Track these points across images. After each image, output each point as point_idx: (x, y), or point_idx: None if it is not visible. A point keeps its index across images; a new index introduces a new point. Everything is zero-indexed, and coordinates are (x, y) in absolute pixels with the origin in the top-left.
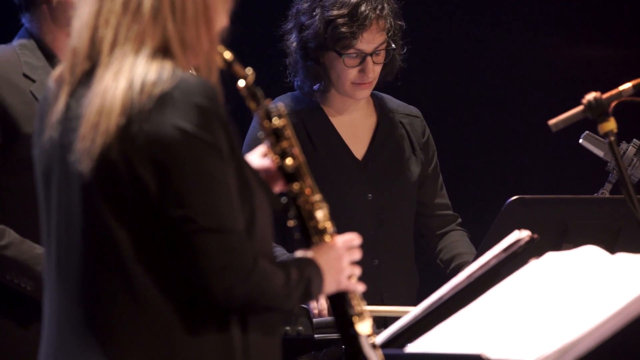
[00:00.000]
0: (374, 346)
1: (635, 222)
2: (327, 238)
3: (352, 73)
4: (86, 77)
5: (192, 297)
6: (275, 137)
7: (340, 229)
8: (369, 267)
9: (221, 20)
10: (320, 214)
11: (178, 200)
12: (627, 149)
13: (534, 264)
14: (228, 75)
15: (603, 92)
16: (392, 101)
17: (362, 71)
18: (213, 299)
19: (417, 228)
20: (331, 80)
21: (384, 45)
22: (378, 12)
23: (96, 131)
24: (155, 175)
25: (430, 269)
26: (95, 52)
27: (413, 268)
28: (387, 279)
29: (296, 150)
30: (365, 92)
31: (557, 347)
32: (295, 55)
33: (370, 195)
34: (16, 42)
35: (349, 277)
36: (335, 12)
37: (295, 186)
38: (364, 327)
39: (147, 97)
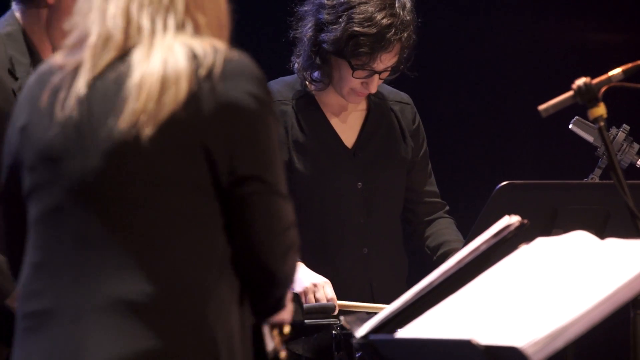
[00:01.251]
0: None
1: (625, 207)
2: None
3: (356, 83)
4: (116, 62)
5: (223, 266)
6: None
7: (330, 218)
8: (358, 255)
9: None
10: None
11: (251, 160)
12: (616, 134)
13: (524, 250)
14: None
15: (593, 77)
16: (383, 88)
17: (366, 83)
18: (264, 264)
19: (404, 214)
20: (332, 79)
21: (394, 65)
22: (402, 37)
23: (162, 98)
24: (226, 140)
25: (418, 256)
26: (130, 41)
27: (402, 256)
28: (376, 267)
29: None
30: (359, 99)
31: (547, 332)
32: (305, 44)
33: (360, 183)
34: (2, 28)
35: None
36: (361, 30)
37: None
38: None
39: (212, 66)
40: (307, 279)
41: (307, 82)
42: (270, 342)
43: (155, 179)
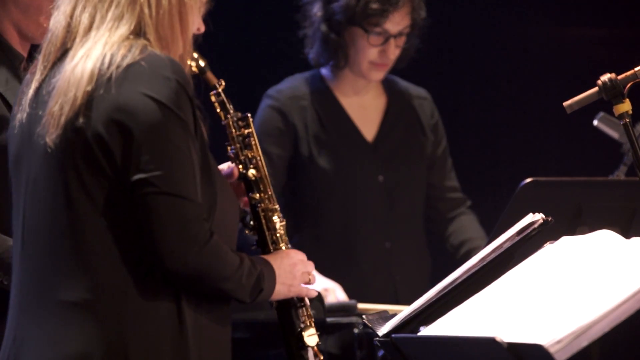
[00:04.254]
0: (317, 356)
1: None
2: (282, 247)
3: (373, 52)
4: (60, 61)
5: (147, 268)
6: (241, 145)
7: (352, 212)
8: (380, 249)
9: (195, 22)
10: (278, 225)
11: (140, 163)
12: None
13: (548, 248)
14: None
15: (618, 73)
16: (401, 83)
17: (383, 52)
18: (164, 264)
19: (426, 212)
20: (349, 57)
21: (407, 29)
22: None
23: (64, 101)
24: (120, 140)
25: (443, 253)
26: (70, 38)
27: (425, 251)
28: (398, 261)
29: (260, 160)
30: (380, 74)
31: (571, 330)
32: (317, 25)
33: (381, 177)
34: None
35: (301, 284)
36: None
37: (256, 195)
38: (310, 340)
39: (115, 67)
40: (318, 284)
41: (323, 75)
42: (299, 320)
43: (69, 186)
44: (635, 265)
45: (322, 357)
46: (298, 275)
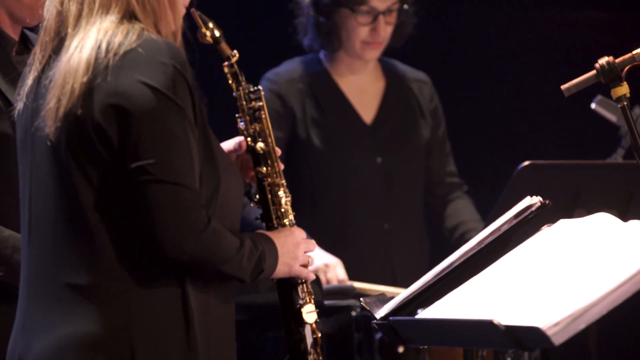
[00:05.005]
0: (316, 339)
1: None
2: (286, 222)
3: (363, 31)
4: (56, 51)
5: (150, 253)
6: (250, 118)
7: (350, 194)
8: (379, 231)
9: None
10: (284, 200)
11: (136, 151)
12: (639, 114)
13: (546, 231)
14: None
15: (616, 56)
16: (400, 66)
17: (374, 30)
18: (163, 252)
19: (423, 196)
20: (341, 39)
21: (396, 5)
22: None
23: (62, 92)
24: (117, 127)
25: (441, 237)
26: (63, 26)
27: (423, 233)
28: (397, 243)
29: (270, 134)
30: (375, 53)
31: (568, 313)
32: (307, 12)
33: (379, 158)
34: None
35: (303, 265)
36: None
37: (263, 169)
38: (309, 317)
39: (112, 55)
40: (318, 259)
41: (321, 58)
42: (298, 297)
43: (71, 176)
44: (633, 248)
45: (319, 335)
46: (300, 255)
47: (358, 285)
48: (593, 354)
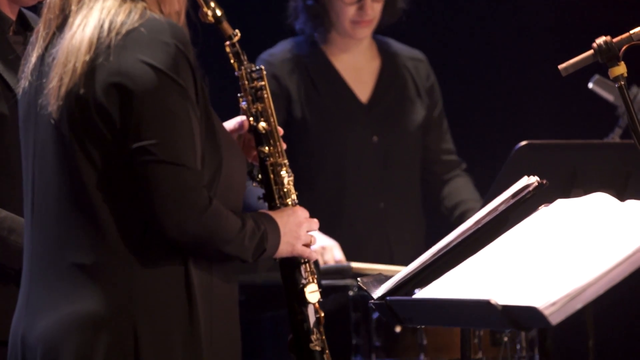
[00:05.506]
0: (319, 318)
1: None
2: (289, 202)
3: (351, 11)
4: (60, 28)
5: (151, 235)
6: (253, 98)
7: (346, 172)
8: (375, 210)
9: None
10: (286, 180)
11: (137, 131)
12: (637, 93)
13: (543, 211)
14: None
15: (614, 36)
16: (395, 45)
17: (361, 9)
18: (164, 232)
19: (422, 175)
20: (331, 20)
21: None
22: None
23: (64, 70)
24: (119, 106)
25: (438, 216)
26: (67, 4)
27: (420, 212)
28: (393, 222)
29: (272, 114)
30: (365, 31)
31: (565, 292)
32: None
33: (375, 137)
34: None
35: (305, 245)
36: None
37: (265, 149)
38: (312, 296)
39: (114, 34)
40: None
41: (316, 38)
42: (301, 276)
43: (73, 155)
44: (630, 228)
45: (322, 314)
46: (302, 235)
47: (355, 265)
48: (590, 333)
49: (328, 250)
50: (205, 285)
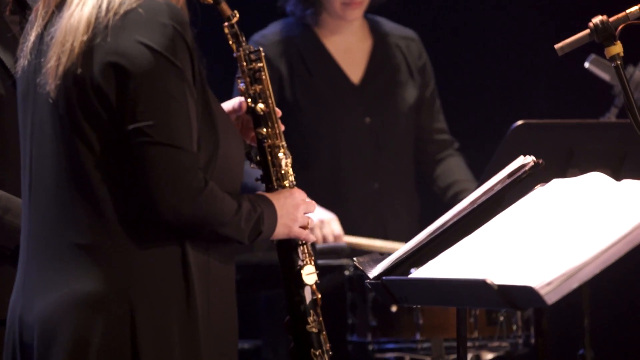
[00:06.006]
0: (316, 300)
1: None
2: (287, 184)
3: None
4: (59, 7)
5: (148, 216)
6: (251, 79)
7: (339, 154)
8: (369, 190)
9: None
10: (284, 161)
11: (134, 112)
12: (633, 73)
13: (539, 191)
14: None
15: (610, 15)
16: (387, 24)
17: None
18: (159, 214)
19: (415, 154)
20: (321, 2)
21: None
22: None
23: (62, 50)
24: (116, 87)
25: (432, 196)
26: None
27: (414, 192)
28: (388, 202)
29: (270, 95)
30: (356, 13)
31: (561, 272)
32: None
33: (368, 118)
34: None
35: (302, 227)
36: None
37: (263, 130)
38: (309, 278)
39: (112, 15)
40: (313, 215)
41: (307, 20)
42: (298, 258)
43: (71, 135)
44: (626, 208)
45: (319, 296)
46: (299, 217)
47: (352, 240)
48: (586, 313)
49: (326, 223)
50: (202, 265)
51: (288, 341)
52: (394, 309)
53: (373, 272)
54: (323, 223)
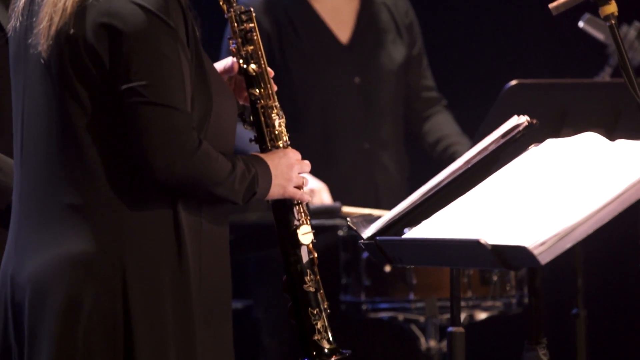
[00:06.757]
0: (312, 259)
1: (635, 105)
2: (280, 144)
3: None
4: None
5: (140, 177)
6: (242, 40)
7: (329, 115)
8: (359, 150)
9: None
10: (277, 122)
11: (127, 72)
12: (627, 32)
13: (533, 151)
14: None
15: None
16: None
17: None
18: (153, 174)
19: (403, 113)
20: None
21: None
22: None
23: (54, 10)
24: (109, 47)
25: (423, 157)
26: None
27: (403, 152)
28: (378, 162)
29: (262, 56)
30: None
31: (554, 232)
32: None
33: (357, 78)
34: None
35: (297, 187)
36: None
37: (256, 91)
38: (305, 238)
39: None
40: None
41: None
42: (294, 218)
43: (63, 96)
44: (619, 167)
45: (315, 255)
46: (294, 176)
47: (344, 209)
48: (579, 273)
49: (317, 193)
50: (194, 227)
51: (278, 301)
52: (387, 269)
53: (367, 233)
54: (313, 192)
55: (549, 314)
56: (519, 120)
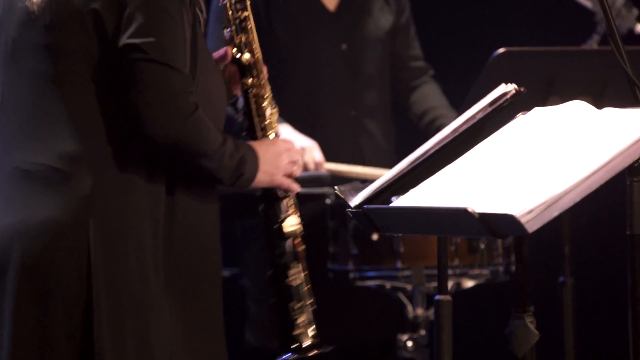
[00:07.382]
0: (298, 253)
1: (623, 74)
2: (270, 135)
3: None
4: None
5: (124, 140)
6: (237, 28)
7: (316, 81)
8: (346, 118)
9: None
10: (268, 112)
11: (132, 29)
12: (615, 0)
13: (521, 119)
14: None
15: None
16: None
17: None
18: (146, 132)
19: (390, 82)
20: None
21: None
22: None
23: None
24: (116, 7)
25: (409, 126)
26: None
27: (389, 121)
28: (365, 130)
29: (256, 45)
30: None
31: (542, 200)
32: None
33: (344, 45)
34: None
35: (286, 175)
36: None
37: (248, 80)
38: (291, 230)
39: None
40: (295, 142)
41: None
42: (281, 211)
43: (47, 48)
44: (607, 136)
45: (303, 248)
46: (282, 165)
47: (333, 167)
48: (566, 241)
49: (308, 150)
50: (171, 203)
51: (264, 267)
52: (375, 237)
53: (354, 201)
54: (304, 150)
55: (536, 282)
56: (507, 88)
